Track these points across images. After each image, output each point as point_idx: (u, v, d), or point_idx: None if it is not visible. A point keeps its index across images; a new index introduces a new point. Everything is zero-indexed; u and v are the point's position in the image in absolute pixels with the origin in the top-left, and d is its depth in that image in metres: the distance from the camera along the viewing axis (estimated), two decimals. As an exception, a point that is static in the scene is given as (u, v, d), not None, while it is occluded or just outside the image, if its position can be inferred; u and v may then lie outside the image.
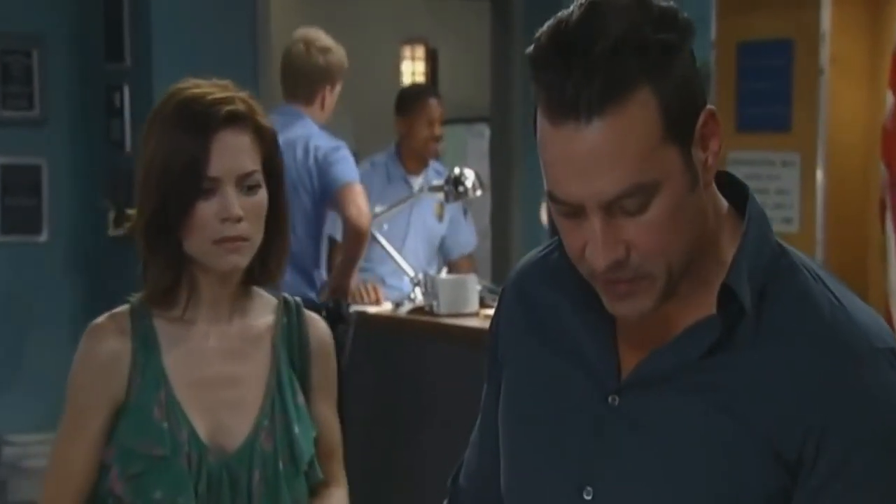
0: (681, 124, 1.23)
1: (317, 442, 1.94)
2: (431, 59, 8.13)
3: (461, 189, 4.48)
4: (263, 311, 1.95)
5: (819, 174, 4.61)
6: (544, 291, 1.43)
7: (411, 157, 4.92)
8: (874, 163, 4.55)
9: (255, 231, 1.86)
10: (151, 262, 1.90)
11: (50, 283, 5.23)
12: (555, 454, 1.36)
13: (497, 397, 1.47)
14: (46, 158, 5.20)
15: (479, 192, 4.56)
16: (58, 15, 5.19)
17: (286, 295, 1.99)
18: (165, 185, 1.84)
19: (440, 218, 4.97)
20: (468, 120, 7.71)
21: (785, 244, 1.34)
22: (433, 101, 4.93)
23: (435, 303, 4.20)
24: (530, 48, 1.25)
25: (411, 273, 4.52)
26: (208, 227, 1.83)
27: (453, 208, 4.94)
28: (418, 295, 4.36)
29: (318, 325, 1.99)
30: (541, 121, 1.25)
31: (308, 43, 4.34)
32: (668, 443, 1.29)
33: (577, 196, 1.23)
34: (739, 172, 4.53)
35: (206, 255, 1.86)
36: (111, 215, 5.18)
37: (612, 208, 1.23)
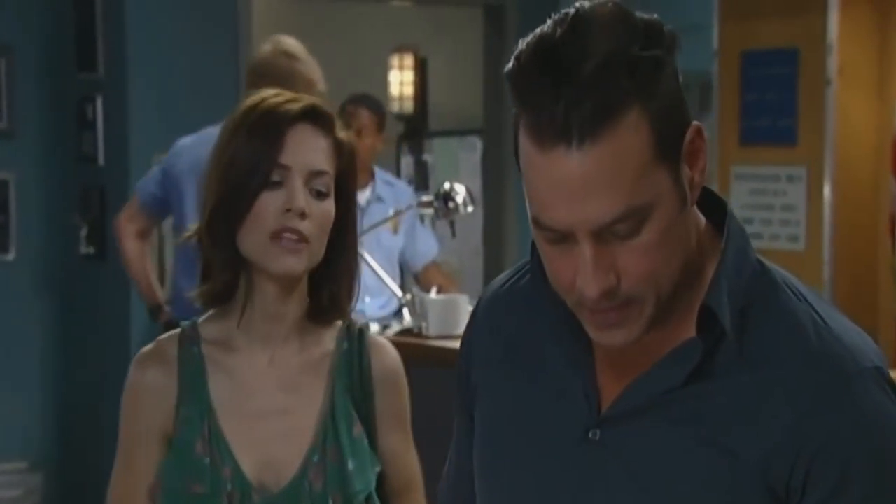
0: (670, 142, 1.24)
1: (385, 478, 1.89)
2: (421, 69, 8.15)
3: (451, 205, 4.48)
4: (324, 336, 1.91)
5: (826, 189, 4.62)
6: (515, 322, 1.43)
7: None
8: (884, 177, 4.57)
9: (316, 237, 1.82)
10: (212, 261, 1.86)
11: (18, 304, 5.21)
12: (536, 492, 1.36)
13: (470, 432, 1.47)
14: (15, 173, 5.19)
15: (470, 208, 4.56)
16: (27, 22, 5.19)
17: (354, 318, 1.94)
18: (232, 172, 1.81)
19: (395, 230, 4.94)
20: (459, 132, 7.72)
21: (766, 261, 1.35)
22: (361, 112, 4.93)
23: (424, 324, 4.19)
24: (510, 66, 1.25)
25: (399, 293, 4.51)
26: (269, 219, 1.80)
27: (408, 217, 4.90)
28: (406, 316, 4.35)
29: (383, 351, 1.94)
30: (525, 144, 1.24)
31: (275, 44, 4.30)
32: (654, 477, 1.29)
33: (566, 222, 1.23)
34: (743, 188, 4.56)
35: (261, 254, 1.81)
36: (83, 233, 5.17)
37: (603, 234, 1.23)
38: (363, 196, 4.84)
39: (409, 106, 8.06)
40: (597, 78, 1.20)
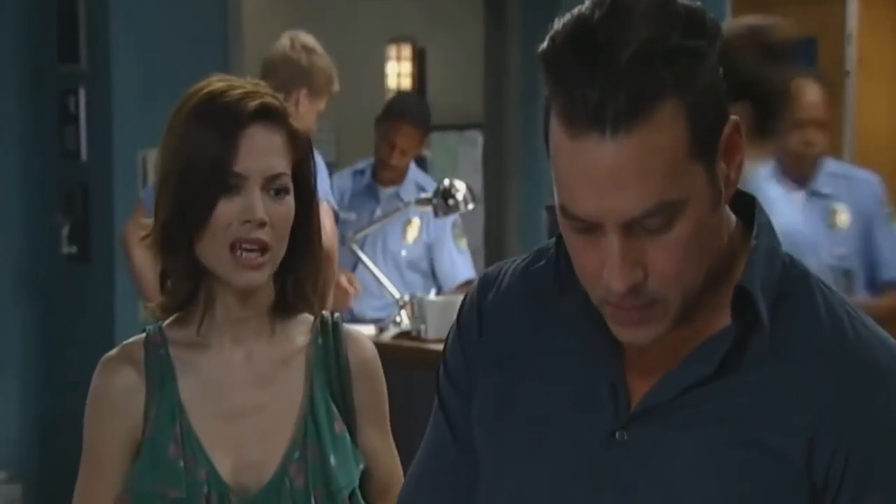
0: (707, 137, 1.25)
1: (367, 476, 1.91)
2: (419, 60, 8.16)
3: (451, 202, 4.49)
4: (297, 330, 1.93)
5: (845, 185, 4.63)
6: (528, 318, 1.42)
7: (381, 166, 4.94)
8: (905, 173, 4.57)
9: (277, 242, 1.84)
10: (169, 270, 1.88)
11: (-3, 307, 5.23)
12: (549, 498, 1.36)
13: (451, 429, 1.46)
14: (-7, 169, 5.20)
15: (470, 206, 4.56)
16: (5, 11, 5.19)
17: (325, 312, 1.96)
18: (186, 181, 1.82)
19: (413, 239, 4.92)
20: (459, 127, 7.73)
21: (795, 257, 1.37)
22: (405, 128, 4.87)
23: (422, 327, 4.20)
24: (544, 47, 1.25)
25: (397, 294, 4.52)
26: (228, 229, 1.81)
27: (438, 231, 4.89)
28: (404, 318, 4.36)
29: (359, 343, 1.96)
30: (556, 130, 1.25)
31: (294, 39, 4.35)
32: (686, 481, 1.29)
33: (595, 214, 1.24)
34: (757, 183, 4.38)
35: (221, 266, 1.83)
36: (65, 232, 5.18)
37: (632, 227, 1.24)
38: (385, 194, 4.88)
39: (406, 99, 8.07)
40: (634, 66, 1.20)
